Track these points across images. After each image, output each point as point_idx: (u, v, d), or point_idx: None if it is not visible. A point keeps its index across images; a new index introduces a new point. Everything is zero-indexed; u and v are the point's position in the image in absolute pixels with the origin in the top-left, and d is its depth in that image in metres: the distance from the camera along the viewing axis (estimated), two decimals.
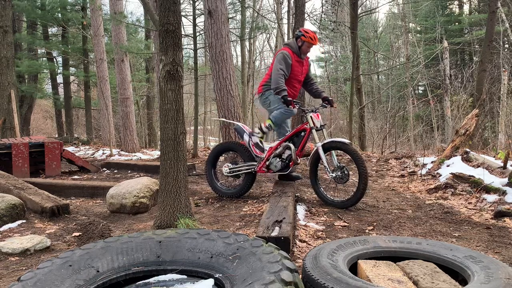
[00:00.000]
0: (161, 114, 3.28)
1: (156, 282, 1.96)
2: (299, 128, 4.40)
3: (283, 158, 4.38)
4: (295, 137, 4.42)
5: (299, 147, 4.35)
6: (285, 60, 4.45)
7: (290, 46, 4.59)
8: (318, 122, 4.27)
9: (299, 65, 4.61)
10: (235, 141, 4.72)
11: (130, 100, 11.41)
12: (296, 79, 4.68)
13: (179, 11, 3.28)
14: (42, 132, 18.95)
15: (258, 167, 4.45)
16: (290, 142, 4.41)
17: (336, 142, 4.15)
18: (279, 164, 4.40)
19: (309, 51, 4.62)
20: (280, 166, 4.40)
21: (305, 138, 4.34)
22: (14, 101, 9.87)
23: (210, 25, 7.54)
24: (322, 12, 12.84)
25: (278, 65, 4.45)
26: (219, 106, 7.77)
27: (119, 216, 4.16)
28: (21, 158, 6.61)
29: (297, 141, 4.38)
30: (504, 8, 14.52)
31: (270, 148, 4.47)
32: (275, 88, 4.40)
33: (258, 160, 4.48)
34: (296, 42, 4.58)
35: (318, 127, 4.27)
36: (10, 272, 2.70)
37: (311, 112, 4.31)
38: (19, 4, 13.40)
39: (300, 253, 2.84)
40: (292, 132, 4.45)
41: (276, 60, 4.50)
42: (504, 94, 11.01)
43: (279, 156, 4.39)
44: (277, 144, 4.44)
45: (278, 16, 17.09)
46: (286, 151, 4.37)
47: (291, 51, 4.53)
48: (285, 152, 4.37)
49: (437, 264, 2.15)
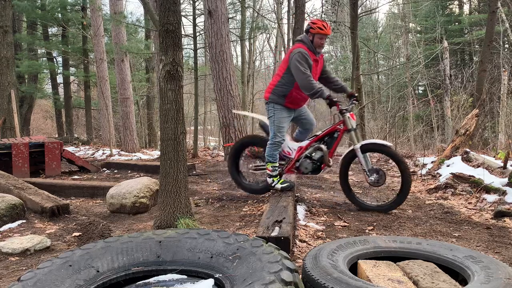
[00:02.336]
0: (161, 114, 3.28)
1: (156, 282, 1.96)
2: (332, 128, 4.12)
3: (314, 160, 4.10)
4: (328, 138, 4.13)
5: (331, 149, 4.09)
6: (305, 59, 3.89)
7: (304, 42, 4.03)
8: (354, 123, 4.02)
9: (315, 64, 4.09)
10: (261, 136, 4.45)
11: (130, 100, 11.41)
12: None
13: (179, 11, 3.28)
14: (42, 132, 18.95)
15: (286, 167, 4.21)
16: (322, 142, 4.13)
17: (376, 144, 3.94)
18: (309, 166, 4.12)
19: (323, 43, 4.05)
20: (311, 168, 4.12)
21: (338, 140, 4.09)
22: (14, 101, 9.86)
23: (210, 25, 7.54)
24: (322, 12, 12.83)
25: (300, 66, 3.86)
26: (219, 106, 7.77)
27: (119, 216, 4.16)
28: (21, 158, 6.61)
29: (330, 142, 4.10)
30: (504, 8, 14.52)
31: (300, 148, 4.19)
32: (311, 94, 3.90)
33: (286, 160, 4.23)
34: (307, 37, 4.04)
35: (354, 127, 4.01)
36: (10, 272, 2.70)
37: (348, 112, 4.00)
38: (19, 4, 13.40)
39: (300, 253, 2.84)
40: (325, 132, 4.15)
41: (294, 61, 3.89)
42: (504, 94, 11.00)
43: (310, 157, 4.12)
44: (308, 144, 4.17)
45: (278, 16, 17.09)
46: (317, 152, 4.08)
47: (306, 48, 3.97)
48: (316, 153, 4.09)
49: (437, 264, 2.15)
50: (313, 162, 4.11)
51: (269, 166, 4.17)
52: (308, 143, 4.18)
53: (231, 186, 5.25)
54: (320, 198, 4.45)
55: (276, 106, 4.09)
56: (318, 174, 4.22)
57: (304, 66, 3.87)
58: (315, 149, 4.09)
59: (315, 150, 4.09)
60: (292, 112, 4.17)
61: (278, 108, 4.09)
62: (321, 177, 5.77)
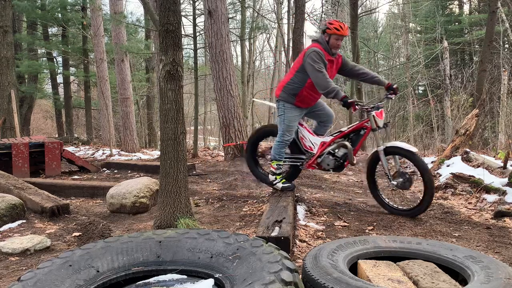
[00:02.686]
0: (161, 114, 3.28)
1: (156, 282, 1.96)
2: (359, 125, 3.91)
3: (337, 157, 3.95)
4: (353, 135, 3.95)
5: (356, 147, 3.91)
6: (321, 59, 3.76)
7: (319, 42, 3.89)
8: (381, 122, 3.79)
9: (330, 66, 3.94)
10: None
11: (130, 100, 11.41)
12: None
13: (179, 11, 3.28)
14: (42, 132, 18.94)
15: (307, 162, 4.09)
16: (347, 139, 3.96)
17: (401, 149, 3.72)
18: (332, 163, 3.96)
19: (339, 45, 3.90)
20: (334, 165, 3.97)
21: (364, 137, 3.92)
22: (14, 101, 9.86)
23: (210, 25, 7.54)
24: (322, 12, 12.84)
25: (315, 64, 3.73)
26: (219, 106, 7.77)
27: (119, 216, 4.16)
28: (21, 158, 6.61)
29: (355, 140, 3.93)
30: (504, 8, 14.51)
31: (323, 143, 4.03)
32: (327, 92, 3.73)
33: (307, 155, 4.09)
34: (323, 38, 3.89)
35: (381, 126, 3.80)
36: (10, 272, 2.70)
37: (374, 110, 3.78)
38: (19, 4, 13.39)
39: (300, 253, 2.84)
40: (350, 129, 3.97)
41: (308, 59, 3.77)
42: (504, 94, 11.00)
43: (333, 153, 3.96)
44: (331, 140, 4.00)
45: (278, 16, 17.08)
46: (341, 149, 3.93)
47: (322, 48, 3.83)
48: (340, 150, 3.94)
49: (437, 264, 2.15)
50: (336, 159, 3.96)
51: (274, 163, 4.11)
52: (332, 138, 4.02)
53: (231, 186, 5.25)
54: (320, 198, 4.45)
55: (286, 105, 4.00)
56: (340, 171, 4.12)
57: (320, 65, 3.74)
58: (339, 146, 3.94)
59: (339, 147, 3.95)
60: (302, 110, 4.07)
61: (288, 107, 4.00)
62: (321, 177, 5.77)
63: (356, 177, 5.94)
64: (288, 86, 3.99)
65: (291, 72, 4.02)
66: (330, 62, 3.91)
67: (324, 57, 3.79)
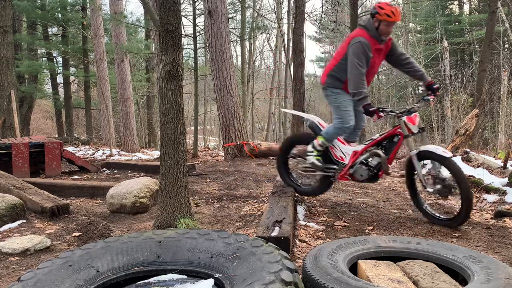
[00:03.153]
0: (161, 114, 3.28)
1: (156, 282, 1.96)
2: (392, 131, 3.62)
3: (370, 166, 3.65)
4: (387, 142, 3.66)
5: (390, 155, 3.61)
6: (365, 52, 3.47)
7: (367, 28, 3.55)
8: (414, 127, 3.50)
9: (378, 55, 3.63)
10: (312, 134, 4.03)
11: (130, 100, 11.42)
12: (371, 72, 3.72)
13: (179, 11, 3.28)
14: (42, 132, 18.94)
15: (339, 174, 3.81)
16: (380, 147, 3.66)
17: (432, 154, 3.43)
18: (365, 173, 3.67)
19: (390, 31, 3.55)
20: (367, 175, 3.67)
21: (398, 145, 3.60)
22: (14, 101, 9.86)
23: (210, 25, 7.54)
24: (322, 12, 12.84)
25: (356, 59, 3.47)
26: (219, 106, 7.78)
27: (119, 216, 4.16)
28: (21, 158, 6.61)
29: (389, 148, 3.62)
30: (504, 8, 14.52)
31: (355, 152, 3.75)
32: (354, 93, 3.52)
33: (339, 166, 3.80)
34: (372, 23, 3.52)
35: (415, 132, 3.51)
36: (10, 272, 2.70)
37: (405, 115, 3.51)
38: (19, 4, 13.39)
39: (300, 253, 2.84)
40: (383, 136, 3.67)
41: (351, 51, 3.51)
42: (504, 94, 11.00)
43: (366, 163, 3.68)
44: (363, 149, 3.71)
45: (278, 16, 17.09)
46: (374, 158, 3.63)
47: (369, 36, 3.51)
48: (373, 159, 3.64)
49: (437, 264, 2.15)
50: (370, 169, 3.66)
51: (320, 139, 3.79)
52: (364, 147, 3.72)
53: (231, 186, 5.25)
54: (320, 198, 4.45)
55: (334, 90, 3.74)
56: (375, 182, 3.86)
57: (361, 61, 3.47)
58: (372, 155, 3.64)
59: (372, 156, 3.64)
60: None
61: (338, 92, 3.72)
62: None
63: None
64: (333, 73, 3.74)
65: (335, 58, 3.74)
66: (377, 52, 3.60)
67: (369, 48, 3.49)
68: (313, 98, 21.92)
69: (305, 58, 9.87)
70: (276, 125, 20.86)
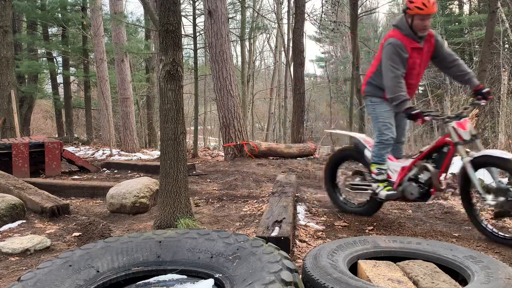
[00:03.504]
0: (161, 114, 3.28)
1: (156, 282, 1.96)
2: (440, 141, 3.25)
3: (420, 183, 3.28)
4: (435, 154, 3.26)
5: (442, 168, 3.21)
6: (397, 53, 3.18)
7: (399, 27, 3.25)
8: (466, 134, 3.08)
9: (418, 54, 3.27)
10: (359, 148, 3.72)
11: (130, 100, 11.42)
12: (412, 74, 3.34)
13: (179, 11, 3.28)
14: (42, 132, 18.94)
15: None
16: (428, 160, 3.29)
17: (490, 158, 3.04)
18: (415, 190, 3.29)
19: (427, 25, 3.18)
20: (418, 193, 3.29)
21: (449, 156, 3.19)
22: (14, 101, 9.87)
23: (210, 25, 7.54)
24: (322, 12, 12.85)
25: (389, 62, 3.19)
26: (219, 106, 7.78)
27: (119, 216, 4.16)
28: (21, 158, 6.61)
29: (439, 160, 3.22)
30: (504, 8, 14.51)
31: (402, 168, 3.40)
32: (392, 98, 3.20)
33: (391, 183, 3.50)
34: (405, 20, 3.22)
35: (467, 139, 3.08)
36: (10, 272, 2.70)
37: (454, 120, 3.13)
38: (19, 4, 13.39)
39: (300, 253, 2.84)
40: (431, 147, 3.30)
41: (384, 55, 3.25)
42: (504, 94, 11.00)
43: (415, 179, 3.31)
44: (412, 163, 3.36)
45: (278, 16, 17.10)
46: (424, 172, 3.26)
47: (402, 36, 3.21)
48: (423, 175, 3.27)
49: (437, 264, 2.15)
50: (420, 186, 3.29)
51: (374, 167, 3.47)
52: (412, 161, 3.37)
53: (231, 186, 5.25)
54: (320, 198, 4.45)
55: (373, 100, 3.46)
56: (427, 201, 3.41)
57: (394, 63, 3.18)
58: (420, 169, 3.28)
59: (420, 171, 3.28)
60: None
61: (377, 102, 3.44)
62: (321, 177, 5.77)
63: None
64: (371, 81, 3.48)
65: (373, 65, 3.47)
66: (416, 51, 3.26)
67: (403, 48, 3.18)
68: (313, 98, 21.92)
69: (305, 58, 9.90)
70: (276, 125, 20.87)
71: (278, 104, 19.94)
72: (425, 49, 3.32)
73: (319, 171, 4.95)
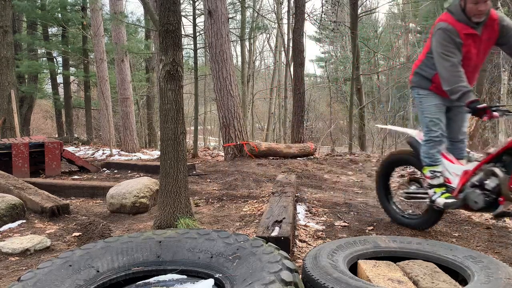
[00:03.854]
0: (161, 114, 3.28)
1: (156, 282, 1.96)
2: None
3: (486, 190, 2.77)
4: (506, 156, 2.73)
5: None
6: (449, 39, 2.79)
7: (451, 11, 2.86)
8: None
9: (473, 42, 2.84)
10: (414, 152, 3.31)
11: (130, 100, 11.42)
12: (468, 66, 2.91)
13: (179, 11, 3.28)
14: (42, 132, 18.95)
15: None
16: (497, 164, 2.77)
17: None
18: (480, 199, 2.78)
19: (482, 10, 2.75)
20: (483, 203, 2.77)
21: None
22: (14, 101, 9.87)
23: (210, 25, 7.54)
24: (322, 12, 12.85)
25: (440, 50, 2.81)
26: (219, 106, 7.78)
27: (119, 216, 4.16)
28: (21, 158, 6.61)
29: (510, 164, 2.71)
30: (504, 8, 14.51)
31: (465, 172, 2.94)
32: (451, 91, 2.80)
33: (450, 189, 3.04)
34: (458, 4, 2.84)
35: None
36: (10, 272, 2.70)
37: None
38: (19, 4, 13.39)
39: (300, 253, 2.84)
40: (502, 148, 2.75)
41: (434, 42, 2.88)
42: (504, 94, 11.01)
43: (480, 185, 2.81)
44: (477, 167, 2.87)
45: (278, 16, 17.10)
46: (491, 178, 2.76)
47: (454, 21, 2.82)
48: (489, 181, 2.76)
49: (437, 264, 2.15)
50: (484, 194, 2.78)
51: (426, 170, 3.07)
52: (477, 165, 2.89)
53: (231, 186, 5.25)
54: (320, 198, 4.45)
55: (421, 92, 3.12)
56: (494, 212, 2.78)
57: (447, 50, 2.79)
58: (486, 174, 2.78)
59: (487, 176, 2.78)
60: (444, 101, 3.05)
61: (423, 94, 3.10)
62: (321, 177, 5.77)
63: (356, 177, 5.94)
64: (419, 70, 3.13)
65: (423, 52, 3.12)
66: (471, 38, 2.84)
67: (455, 34, 2.80)
68: (313, 98, 21.92)
69: (305, 58, 9.90)
70: (276, 125, 20.87)
71: (278, 104, 19.95)
72: (484, 37, 2.86)
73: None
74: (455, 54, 2.80)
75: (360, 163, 7.04)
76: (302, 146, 8.17)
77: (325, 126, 19.77)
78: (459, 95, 2.76)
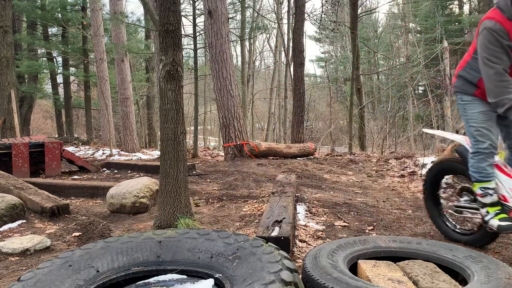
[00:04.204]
0: (161, 114, 3.28)
1: (156, 282, 1.96)
2: None
3: None
4: None
5: None
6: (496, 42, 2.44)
7: (500, 8, 2.49)
8: None
9: None
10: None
11: (130, 100, 11.42)
12: None
13: (179, 11, 3.28)
14: (42, 132, 18.95)
15: None
16: None
17: None
18: None
19: None
20: None
21: None
22: (14, 101, 9.88)
23: (210, 25, 7.54)
24: (322, 12, 12.85)
25: (485, 54, 2.48)
26: (219, 106, 7.78)
27: (119, 216, 4.16)
28: (21, 158, 6.61)
29: None
30: None
31: None
32: (496, 103, 2.50)
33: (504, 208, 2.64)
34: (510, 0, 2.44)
35: None
36: (10, 272, 2.70)
37: None
38: (19, 4, 13.40)
39: (300, 253, 2.84)
40: None
41: (479, 44, 2.54)
42: None
43: None
44: None
45: (278, 16, 17.10)
46: None
47: (504, 18, 2.45)
48: None
49: (437, 264, 2.15)
50: None
51: (476, 187, 2.69)
52: None
53: (231, 186, 5.25)
54: (320, 198, 4.45)
55: (464, 98, 2.74)
56: None
57: (493, 55, 2.45)
58: None
59: None
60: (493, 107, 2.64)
61: (467, 101, 2.72)
62: (321, 177, 5.77)
63: (356, 177, 5.94)
64: (464, 72, 2.75)
65: (469, 53, 2.73)
66: None
67: (505, 34, 2.44)
68: (313, 98, 21.93)
69: (305, 58, 9.90)
70: (276, 125, 20.87)
71: (278, 104, 19.95)
72: None
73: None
74: (502, 59, 2.46)
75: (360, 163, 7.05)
76: (302, 146, 8.17)
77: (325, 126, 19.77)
78: (505, 109, 2.46)
